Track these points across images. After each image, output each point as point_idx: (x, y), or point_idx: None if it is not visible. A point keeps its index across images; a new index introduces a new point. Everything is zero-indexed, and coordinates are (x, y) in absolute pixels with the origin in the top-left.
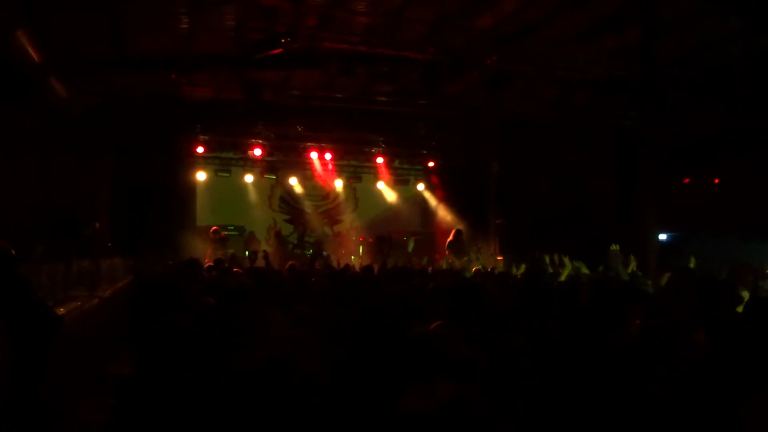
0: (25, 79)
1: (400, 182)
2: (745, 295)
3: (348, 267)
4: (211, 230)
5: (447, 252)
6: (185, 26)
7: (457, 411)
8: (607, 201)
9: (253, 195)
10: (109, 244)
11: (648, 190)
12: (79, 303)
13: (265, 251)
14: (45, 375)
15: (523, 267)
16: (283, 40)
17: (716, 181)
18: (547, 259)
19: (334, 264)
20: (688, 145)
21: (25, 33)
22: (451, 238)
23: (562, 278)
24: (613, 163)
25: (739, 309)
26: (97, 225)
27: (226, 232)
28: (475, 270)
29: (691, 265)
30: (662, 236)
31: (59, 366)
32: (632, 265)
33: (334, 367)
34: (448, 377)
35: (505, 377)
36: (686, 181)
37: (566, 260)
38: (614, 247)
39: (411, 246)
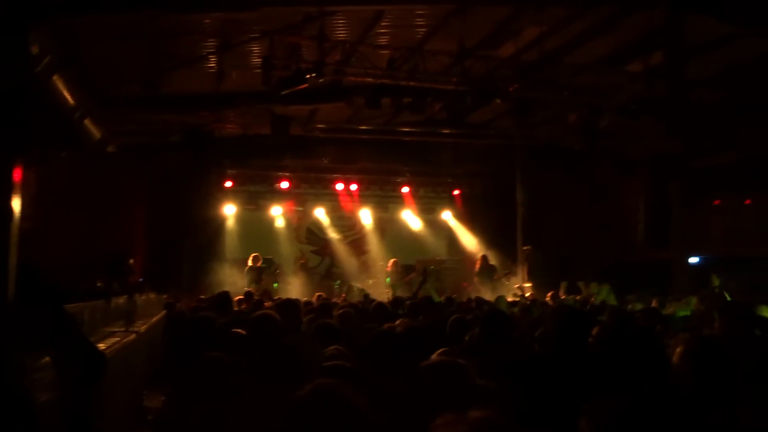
0: (62, 122)
1: (426, 211)
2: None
3: (368, 298)
4: (252, 256)
5: (476, 280)
6: (214, 65)
7: None
8: (636, 225)
9: (280, 227)
10: (141, 280)
11: (679, 213)
12: (118, 339)
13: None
14: (90, 412)
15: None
16: (308, 76)
17: (747, 201)
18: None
19: (359, 296)
20: (718, 167)
21: (62, 77)
22: (478, 265)
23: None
24: (642, 187)
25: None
26: (132, 261)
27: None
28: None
29: (715, 284)
30: (693, 259)
31: (100, 401)
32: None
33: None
34: (469, 406)
35: (532, 408)
36: (716, 202)
37: (594, 286)
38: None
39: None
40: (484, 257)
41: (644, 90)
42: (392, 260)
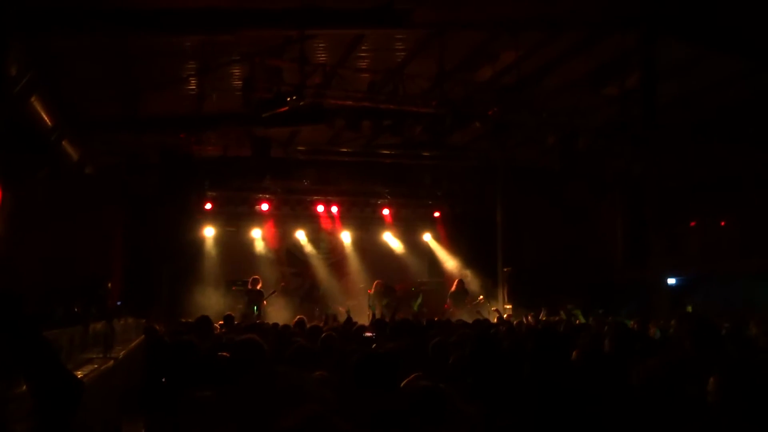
0: (40, 143)
1: (407, 233)
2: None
3: (350, 321)
4: (251, 279)
5: (449, 301)
6: (194, 87)
7: None
8: (614, 246)
9: (261, 249)
10: (119, 303)
11: (655, 233)
12: (96, 365)
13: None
14: None
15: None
16: (289, 99)
17: (723, 223)
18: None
19: (340, 319)
20: (693, 188)
21: (39, 98)
22: (453, 288)
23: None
24: (619, 208)
25: None
26: (110, 285)
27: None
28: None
29: (689, 310)
30: (671, 280)
31: (76, 429)
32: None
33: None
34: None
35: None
36: (692, 224)
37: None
38: None
39: (419, 301)
40: (459, 281)
41: (620, 112)
42: (376, 281)
